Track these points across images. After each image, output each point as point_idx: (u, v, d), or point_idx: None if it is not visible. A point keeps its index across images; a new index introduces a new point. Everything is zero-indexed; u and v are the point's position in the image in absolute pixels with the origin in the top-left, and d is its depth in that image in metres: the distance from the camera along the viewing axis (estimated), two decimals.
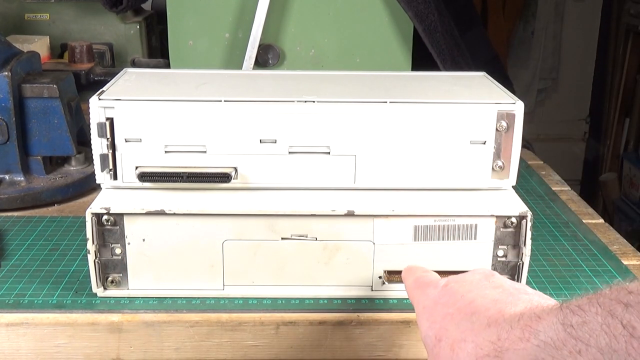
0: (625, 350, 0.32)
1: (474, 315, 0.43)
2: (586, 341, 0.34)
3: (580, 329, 0.34)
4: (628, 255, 0.71)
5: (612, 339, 0.32)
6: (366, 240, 0.61)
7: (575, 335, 0.34)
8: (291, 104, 0.62)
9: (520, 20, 2.44)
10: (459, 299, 0.46)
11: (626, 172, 2.39)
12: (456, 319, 0.44)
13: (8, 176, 0.83)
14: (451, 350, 0.42)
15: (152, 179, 0.62)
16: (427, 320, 0.47)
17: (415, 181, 0.63)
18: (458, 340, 0.42)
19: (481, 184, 0.64)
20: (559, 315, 0.36)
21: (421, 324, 0.48)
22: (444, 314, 0.45)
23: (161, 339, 0.59)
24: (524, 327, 0.38)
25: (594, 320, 0.34)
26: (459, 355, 0.42)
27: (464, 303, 0.45)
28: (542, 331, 0.36)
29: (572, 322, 0.35)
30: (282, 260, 0.61)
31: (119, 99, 0.61)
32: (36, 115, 0.83)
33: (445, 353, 0.43)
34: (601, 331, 0.33)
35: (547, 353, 0.35)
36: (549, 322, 0.36)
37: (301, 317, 0.60)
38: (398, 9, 0.99)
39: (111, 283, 0.61)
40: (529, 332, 0.37)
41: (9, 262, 0.68)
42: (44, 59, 1.18)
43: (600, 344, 0.33)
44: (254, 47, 0.99)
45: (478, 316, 0.43)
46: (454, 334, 0.43)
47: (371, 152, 0.62)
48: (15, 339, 0.59)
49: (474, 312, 0.43)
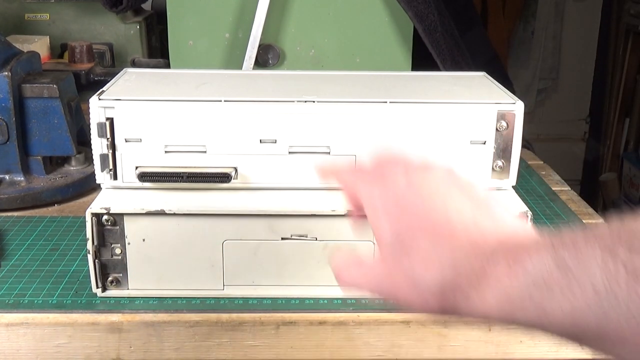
0: (626, 294, 0.29)
1: (453, 239, 0.38)
2: (582, 281, 0.31)
3: (575, 266, 0.31)
4: None
5: (612, 282, 0.30)
6: (366, 240, 0.61)
7: (569, 274, 0.31)
8: (291, 104, 0.62)
9: (520, 20, 2.45)
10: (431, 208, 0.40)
11: (626, 172, 2.39)
12: (429, 231, 0.39)
13: (8, 176, 0.83)
14: (422, 265, 0.38)
15: (152, 179, 0.62)
16: (388, 222, 0.41)
17: None
18: (431, 257, 0.38)
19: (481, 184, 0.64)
20: (549, 248, 0.33)
21: (379, 224, 0.41)
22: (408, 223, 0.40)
23: (161, 339, 0.59)
24: (510, 256, 0.34)
25: (590, 257, 0.31)
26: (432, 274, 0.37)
27: (437, 216, 0.40)
28: (531, 264, 0.33)
29: (565, 257, 0.32)
30: (282, 260, 0.61)
31: (119, 99, 0.61)
32: (36, 115, 0.83)
33: (413, 265, 0.38)
34: (598, 270, 0.30)
35: (536, 289, 0.32)
36: (540, 257, 0.33)
37: (301, 317, 0.60)
38: (398, 9, 0.99)
39: (111, 283, 0.61)
40: (516, 263, 0.34)
41: (9, 262, 0.68)
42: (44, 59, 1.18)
43: (596, 285, 0.30)
44: (254, 47, 0.99)
45: (459, 241, 0.38)
46: (427, 247, 0.38)
47: (371, 152, 0.62)
48: (15, 339, 0.59)
49: (452, 235, 0.38)
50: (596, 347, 0.32)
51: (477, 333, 0.60)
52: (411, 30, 1.02)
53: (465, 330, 0.60)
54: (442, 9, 1.04)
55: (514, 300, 0.33)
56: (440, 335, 0.60)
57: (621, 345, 0.31)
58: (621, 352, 0.31)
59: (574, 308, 0.31)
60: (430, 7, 0.98)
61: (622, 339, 0.30)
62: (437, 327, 0.60)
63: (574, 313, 0.31)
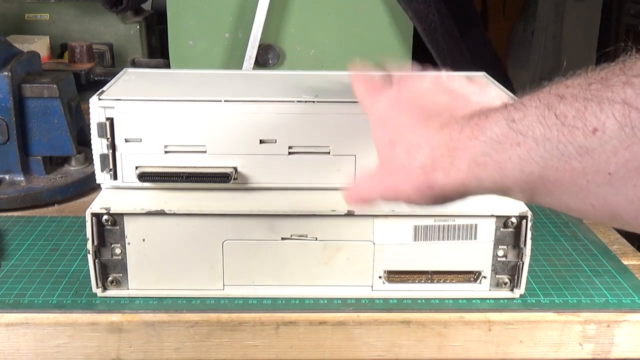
0: (556, 138, 0.34)
1: (427, 121, 0.44)
2: (524, 133, 0.36)
3: (521, 122, 0.36)
4: (628, 255, 0.72)
5: (546, 129, 0.35)
6: (366, 240, 0.61)
7: (515, 129, 0.36)
8: (291, 104, 0.62)
9: (520, 20, 2.44)
10: (412, 106, 0.47)
11: None
12: (410, 125, 0.45)
13: (8, 176, 0.83)
14: (407, 154, 0.44)
15: (152, 179, 0.62)
16: (380, 128, 0.48)
17: None
18: (413, 145, 0.43)
19: None
20: (503, 112, 0.37)
21: (374, 131, 0.49)
22: (398, 121, 0.47)
23: (161, 339, 0.59)
24: (473, 126, 0.39)
25: (532, 114, 0.36)
26: (415, 159, 0.43)
27: (416, 110, 0.46)
28: (489, 128, 0.38)
29: (514, 117, 0.36)
30: (282, 260, 0.61)
31: (119, 99, 0.61)
32: (36, 115, 0.83)
33: (401, 157, 0.44)
34: (537, 123, 0.35)
35: (492, 148, 0.37)
36: (495, 119, 0.38)
37: (301, 317, 0.60)
38: (398, 9, 0.99)
39: (111, 283, 0.61)
40: (477, 130, 0.39)
41: (9, 262, 0.68)
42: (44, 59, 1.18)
43: (535, 135, 0.35)
44: (254, 47, 0.99)
45: (432, 121, 0.44)
46: (409, 139, 0.44)
47: (371, 152, 0.62)
48: (15, 339, 0.59)
49: (427, 118, 0.45)
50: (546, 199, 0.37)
51: (477, 333, 0.60)
52: (411, 31, 1.02)
53: (465, 330, 0.60)
54: (442, 9, 1.04)
55: (479, 162, 0.38)
56: (440, 335, 0.60)
57: (562, 191, 0.36)
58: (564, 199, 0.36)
59: (521, 158, 0.36)
60: (430, 7, 0.99)
61: (561, 184, 0.35)
62: (437, 327, 0.60)
63: (522, 163, 0.36)
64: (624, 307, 0.61)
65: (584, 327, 0.60)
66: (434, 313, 0.60)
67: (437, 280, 0.62)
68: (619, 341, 0.61)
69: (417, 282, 0.62)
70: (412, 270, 0.62)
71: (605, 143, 0.32)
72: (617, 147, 0.32)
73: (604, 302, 0.62)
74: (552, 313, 0.61)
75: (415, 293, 0.62)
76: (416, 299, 0.62)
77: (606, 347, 0.61)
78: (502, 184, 0.38)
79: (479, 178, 0.39)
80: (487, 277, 0.62)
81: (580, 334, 0.60)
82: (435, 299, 0.62)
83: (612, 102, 0.32)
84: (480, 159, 0.38)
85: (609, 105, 0.32)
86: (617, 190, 0.33)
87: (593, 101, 0.33)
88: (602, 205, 0.35)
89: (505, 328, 0.60)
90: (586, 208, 0.36)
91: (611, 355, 0.61)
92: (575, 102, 0.34)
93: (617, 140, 0.32)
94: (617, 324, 0.60)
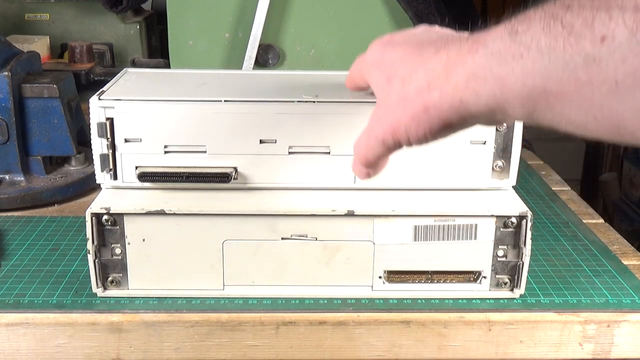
0: (562, 48, 0.33)
1: (422, 49, 0.43)
2: (528, 44, 0.34)
3: (524, 34, 0.35)
4: (628, 255, 0.72)
5: (551, 39, 0.33)
6: (366, 240, 0.61)
7: (518, 41, 0.35)
8: (291, 104, 0.62)
9: None
10: (406, 42, 0.46)
11: (626, 172, 2.39)
12: (405, 59, 0.44)
13: (8, 176, 0.83)
14: (402, 83, 0.42)
15: (152, 179, 0.62)
16: (376, 69, 0.47)
17: (415, 181, 0.63)
18: (409, 73, 0.42)
19: (481, 184, 0.64)
20: (507, 25, 0.36)
21: (371, 76, 0.48)
22: (393, 58, 0.45)
23: (161, 339, 0.59)
24: (473, 42, 0.38)
25: (537, 25, 0.34)
26: (411, 84, 0.41)
27: (411, 45, 0.45)
28: (490, 41, 0.37)
29: (518, 29, 0.35)
30: (282, 260, 0.61)
31: (119, 99, 0.61)
32: (36, 115, 0.83)
33: (397, 88, 0.43)
34: (542, 33, 0.34)
35: (493, 61, 0.36)
36: (497, 32, 0.37)
37: (301, 317, 0.60)
38: (398, 9, 0.99)
39: (111, 283, 0.61)
40: (478, 44, 0.37)
41: (9, 262, 0.68)
42: (44, 59, 1.18)
43: (540, 45, 0.34)
44: (254, 47, 0.99)
45: (427, 48, 0.42)
46: (405, 70, 0.43)
47: None
48: (15, 339, 0.59)
49: (422, 47, 0.43)
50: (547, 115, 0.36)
51: (477, 333, 0.60)
52: None
53: (465, 330, 0.60)
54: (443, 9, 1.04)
55: (478, 76, 0.37)
56: (440, 335, 0.60)
57: (565, 104, 0.34)
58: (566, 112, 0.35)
59: (523, 71, 0.35)
60: (430, 7, 0.98)
61: (564, 96, 0.34)
62: (437, 327, 0.60)
63: (524, 76, 0.35)
64: (624, 307, 0.61)
65: (584, 327, 0.60)
66: (434, 313, 0.60)
67: (437, 280, 0.62)
68: (619, 341, 0.61)
69: (417, 282, 0.62)
70: (412, 270, 0.62)
71: (614, 51, 0.31)
72: (626, 55, 0.31)
73: (604, 302, 0.62)
74: (552, 313, 0.61)
75: (415, 293, 0.62)
76: (416, 299, 0.62)
77: (606, 347, 0.61)
78: (502, 100, 0.37)
79: (477, 94, 0.38)
80: (487, 277, 0.62)
81: (580, 334, 0.60)
82: (435, 299, 0.62)
83: (622, 9, 0.31)
84: (480, 72, 0.37)
85: (619, 12, 0.31)
86: (624, 100, 0.32)
87: (602, 9, 0.32)
88: (606, 117, 0.33)
89: (505, 328, 0.60)
90: (588, 120, 0.34)
91: (611, 355, 0.61)
92: (582, 11, 0.32)
93: (627, 47, 0.31)
94: (617, 324, 0.60)
